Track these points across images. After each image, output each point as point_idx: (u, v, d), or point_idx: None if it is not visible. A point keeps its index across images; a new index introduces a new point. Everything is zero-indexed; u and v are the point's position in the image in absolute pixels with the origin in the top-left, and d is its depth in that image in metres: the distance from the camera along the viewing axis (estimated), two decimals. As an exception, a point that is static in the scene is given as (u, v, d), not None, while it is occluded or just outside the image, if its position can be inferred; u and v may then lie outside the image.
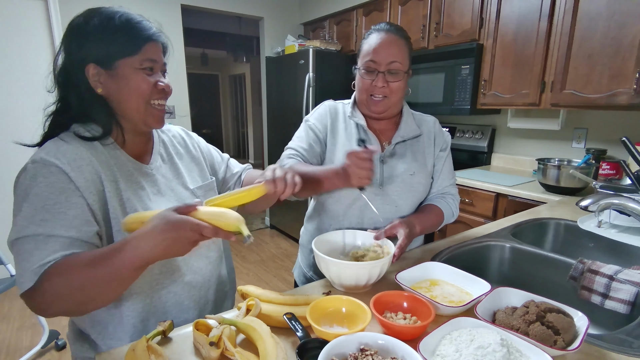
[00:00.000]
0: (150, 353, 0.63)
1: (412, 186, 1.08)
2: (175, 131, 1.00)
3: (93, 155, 0.74)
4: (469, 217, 2.20)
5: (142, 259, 0.63)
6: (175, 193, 0.88)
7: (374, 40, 1.02)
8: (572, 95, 1.92)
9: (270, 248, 3.64)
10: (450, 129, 2.87)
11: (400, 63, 1.01)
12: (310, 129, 1.12)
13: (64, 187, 0.67)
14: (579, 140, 2.24)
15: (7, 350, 2.08)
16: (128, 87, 0.75)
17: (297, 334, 0.66)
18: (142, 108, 0.77)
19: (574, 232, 1.35)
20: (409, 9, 2.77)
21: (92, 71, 0.73)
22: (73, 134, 0.74)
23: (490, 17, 2.26)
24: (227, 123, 9.48)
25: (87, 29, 0.73)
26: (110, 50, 0.73)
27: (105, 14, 0.74)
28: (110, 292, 0.66)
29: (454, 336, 0.62)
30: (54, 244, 0.65)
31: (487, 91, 2.34)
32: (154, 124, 0.81)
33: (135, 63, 0.74)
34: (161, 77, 0.79)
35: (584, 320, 0.66)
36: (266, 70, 3.89)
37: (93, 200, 0.71)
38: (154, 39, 0.77)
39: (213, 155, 1.05)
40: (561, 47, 1.94)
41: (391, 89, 1.02)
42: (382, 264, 0.83)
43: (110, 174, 0.76)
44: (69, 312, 0.69)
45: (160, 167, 0.88)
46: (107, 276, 0.63)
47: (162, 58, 0.80)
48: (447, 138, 1.18)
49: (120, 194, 0.76)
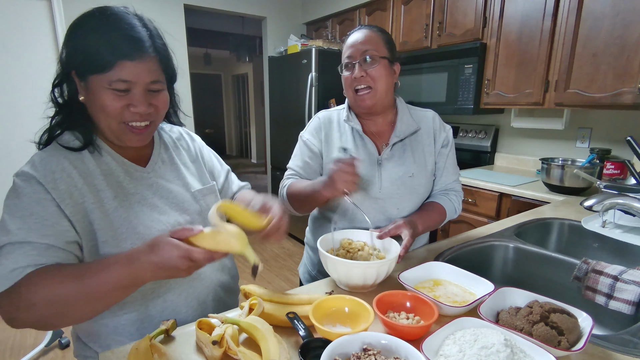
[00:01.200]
0: (153, 352, 0.63)
1: (413, 188, 1.08)
2: (178, 132, 0.98)
3: (75, 167, 0.72)
4: (472, 217, 2.19)
5: (130, 279, 0.62)
6: (176, 195, 0.85)
7: (349, 39, 1.05)
8: (576, 95, 1.91)
9: (273, 248, 3.64)
10: (453, 128, 2.86)
11: (375, 50, 1.01)
12: (305, 145, 1.14)
13: (40, 197, 0.67)
14: (583, 140, 2.23)
15: (12, 348, 2.09)
16: (96, 104, 0.70)
17: (300, 334, 0.65)
18: (115, 127, 0.73)
19: (578, 232, 1.34)
20: (412, 8, 2.77)
21: (75, 77, 0.71)
22: (58, 145, 0.73)
23: (493, 16, 2.25)
24: (229, 123, 9.50)
25: (73, 34, 0.70)
26: (84, 63, 0.68)
27: (96, 20, 0.69)
28: (91, 308, 0.65)
29: (457, 336, 0.61)
30: (29, 249, 0.64)
31: (490, 90, 2.33)
32: (130, 143, 0.76)
33: (104, 82, 0.68)
34: (138, 98, 0.71)
35: (589, 320, 0.66)
36: (269, 70, 3.89)
37: (71, 212, 0.70)
38: (130, 58, 0.68)
39: (213, 162, 1.03)
40: (565, 46, 1.93)
41: (371, 77, 1.02)
42: (390, 263, 0.83)
43: (93, 184, 0.74)
44: (39, 324, 0.64)
45: (160, 169, 0.86)
46: (92, 291, 0.62)
47: (150, 75, 0.71)
48: (449, 133, 1.15)
49: (104, 205, 0.74)
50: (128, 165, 0.81)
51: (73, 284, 0.62)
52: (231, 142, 9.63)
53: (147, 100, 0.72)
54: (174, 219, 0.82)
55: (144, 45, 0.70)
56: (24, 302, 0.62)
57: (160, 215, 0.80)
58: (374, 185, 1.06)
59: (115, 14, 0.70)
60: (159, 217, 0.80)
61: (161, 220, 0.80)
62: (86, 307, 0.64)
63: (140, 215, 0.77)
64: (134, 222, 0.76)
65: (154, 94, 0.74)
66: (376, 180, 1.06)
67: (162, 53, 0.74)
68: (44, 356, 2.03)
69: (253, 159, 8.63)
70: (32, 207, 0.67)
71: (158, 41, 0.74)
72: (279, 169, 3.87)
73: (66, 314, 0.64)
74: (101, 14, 0.70)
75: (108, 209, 0.74)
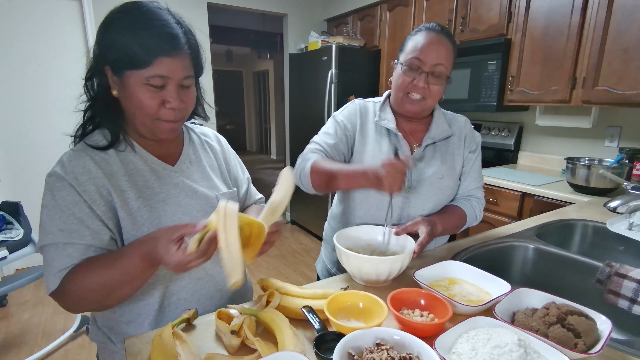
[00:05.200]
0: (175, 339, 0.66)
1: (441, 189, 1.07)
2: (207, 133, 0.99)
3: (101, 168, 0.75)
4: (493, 216, 2.15)
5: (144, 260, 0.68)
6: (200, 196, 0.86)
7: (423, 39, 0.98)
8: (605, 92, 1.85)
9: (290, 243, 3.68)
10: (476, 126, 2.81)
11: (446, 67, 0.99)
12: (339, 126, 1.09)
13: (74, 199, 0.72)
14: (612, 139, 2.15)
15: (43, 333, 2.21)
16: (132, 101, 0.72)
17: (315, 327, 0.67)
18: (149, 122, 0.75)
19: (602, 235, 1.30)
20: (434, 4, 2.72)
21: (109, 72, 0.73)
22: (85, 144, 0.76)
23: (519, 11, 2.19)
24: (250, 119, 9.61)
25: (109, 29, 0.71)
26: (121, 58, 0.69)
27: (132, 16, 0.70)
28: (126, 288, 0.72)
29: (470, 335, 0.62)
30: (71, 250, 0.71)
31: (514, 87, 2.28)
32: (162, 136, 0.78)
33: (141, 77, 0.69)
34: (172, 94, 0.73)
35: (607, 324, 0.64)
36: (289, 67, 3.92)
37: (102, 211, 0.74)
38: (168, 55, 0.69)
39: (237, 169, 1.03)
40: (594, 41, 1.86)
41: (431, 92, 1.00)
42: (403, 259, 0.83)
43: (117, 184, 0.76)
44: (92, 308, 0.77)
45: (187, 169, 0.87)
46: (119, 276, 0.70)
47: (184, 71, 0.73)
48: (478, 139, 1.15)
49: (127, 205, 0.76)
50: (156, 163, 0.83)
51: (108, 271, 0.70)
52: (251, 138, 9.74)
53: (179, 95, 0.74)
54: (196, 220, 0.84)
55: (180, 41, 0.71)
56: (72, 295, 0.71)
57: (184, 215, 0.82)
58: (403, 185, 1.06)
59: (150, 10, 0.71)
60: (182, 217, 0.82)
61: (183, 220, 0.81)
62: (125, 287, 0.72)
63: (163, 215, 0.79)
64: (156, 222, 0.78)
65: (184, 89, 0.76)
66: (405, 178, 1.06)
67: (194, 49, 0.76)
68: (73, 341, 2.14)
69: (273, 155, 8.71)
70: (68, 208, 0.71)
71: (191, 37, 0.75)
72: (298, 165, 3.89)
73: (110, 296, 0.72)
74: (136, 10, 0.71)
75: (132, 209, 0.76)
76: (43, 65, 2.82)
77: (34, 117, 2.85)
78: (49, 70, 2.84)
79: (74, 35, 2.89)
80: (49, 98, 2.87)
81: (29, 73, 2.78)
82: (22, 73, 2.77)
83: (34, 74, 2.80)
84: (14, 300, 2.57)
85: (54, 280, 0.71)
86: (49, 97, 2.87)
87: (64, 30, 2.85)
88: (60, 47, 2.86)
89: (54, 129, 2.92)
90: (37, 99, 2.84)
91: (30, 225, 2.10)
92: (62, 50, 2.87)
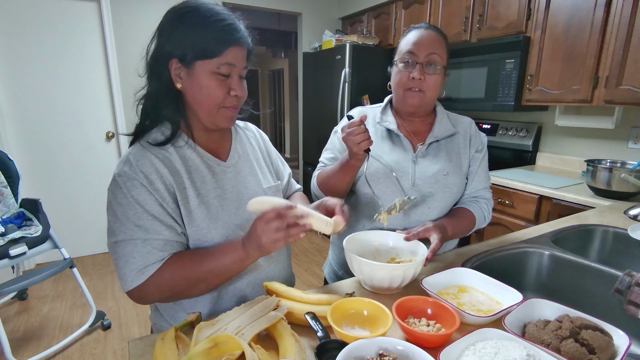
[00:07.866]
0: (178, 342, 0.66)
1: (447, 187, 1.06)
2: (250, 128, 1.03)
3: (166, 166, 0.78)
4: (508, 219, 2.09)
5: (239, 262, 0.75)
6: (249, 190, 0.89)
7: (413, 35, 1.02)
8: (629, 92, 1.77)
9: (302, 242, 3.68)
10: (492, 126, 2.74)
11: (440, 56, 1.00)
12: (339, 140, 1.13)
13: (146, 198, 0.74)
14: (637, 141, 2.06)
15: (60, 326, 2.27)
16: (201, 90, 0.76)
17: (317, 334, 0.66)
18: (214, 112, 0.78)
19: (623, 241, 1.24)
20: (451, 1, 2.67)
21: (174, 65, 0.76)
22: (147, 143, 0.79)
23: (539, 7, 2.12)
24: (264, 117, 9.65)
25: (178, 24, 0.74)
26: (193, 50, 0.73)
27: (199, 11, 0.74)
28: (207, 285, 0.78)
29: (478, 347, 0.60)
30: (150, 247, 0.74)
31: (533, 87, 2.21)
32: (223, 124, 0.82)
33: (212, 66, 0.74)
34: (236, 82, 0.78)
35: (625, 339, 0.61)
36: (303, 66, 3.91)
37: (171, 208, 0.77)
38: (238, 44, 0.75)
39: (278, 162, 1.07)
40: (619, 38, 1.79)
41: (428, 83, 1.01)
42: (416, 266, 0.81)
43: (180, 182, 0.79)
44: (169, 300, 0.82)
45: (238, 163, 0.90)
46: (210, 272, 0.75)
47: (243, 62, 0.78)
48: (484, 139, 1.15)
49: (188, 202, 0.79)
50: (211, 159, 0.85)
51: (192, 270, 0.75)
52: (266, 136, 9.78)
53: (240, 84, 0.80)
54: (248, 215, 0.86)
55: (244, 33, 0.78)
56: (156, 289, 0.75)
57: (237, 210, 0.86)
58: (407, 182, 1.05)
59: (212, 7, 0.76)
60: (236, 212, 0.85)
61: (237, 214, 0.85)
62: (213, 280, 0.77)
63: (219, 212, 0.82)
64: (213, 219, 0.81)
65: (242, 80, 0.81)
66: (410, 177, 1.05)
67: (250, 43, 0.81)
68: (88, 335, 2.19)
69: (287, 154, 8.73)
70: (141, 205, 0.74)
71: (247, 31, 0.80)
72: (311, 165, 3.89)
73: (194, 288, 0.77)
74: (202, 5, 0.76)
75: (192, 206, 0.79)
76: (62, 66, 2.89)
77: (52, 117, 2.93)
78: (67, 71, 2.91)
79: (92, 36, 2.95)
80: (67, 98, 2.94)
81: (47, 74, 2.85)
82: (41, 74, 2.84)
83: (52, 74, 2.87)
84: (34, 294, 2.65)
85: (137, 276, 0.73)
86: (68, 97, 2.94)
87: (83, 31, 2.91)
88: (79, 48, 2.92)
89: (73, 128, 3.00)
90: (55, 99, 2.91)
91: (48, 222, 2.16)
92: (82, 51, 2.93)
